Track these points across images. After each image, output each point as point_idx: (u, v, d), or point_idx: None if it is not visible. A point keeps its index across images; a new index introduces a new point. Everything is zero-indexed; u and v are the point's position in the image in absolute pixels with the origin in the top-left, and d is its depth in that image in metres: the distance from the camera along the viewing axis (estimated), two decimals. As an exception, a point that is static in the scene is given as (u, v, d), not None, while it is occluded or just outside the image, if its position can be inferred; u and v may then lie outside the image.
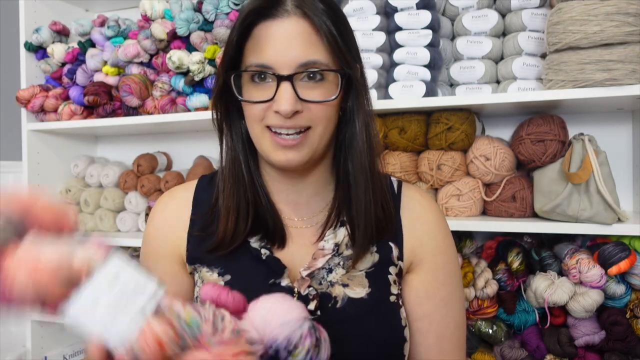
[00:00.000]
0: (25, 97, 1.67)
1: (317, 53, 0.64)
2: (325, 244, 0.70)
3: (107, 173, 1.75)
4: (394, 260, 0.72)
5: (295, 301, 0.52)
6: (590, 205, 1.17)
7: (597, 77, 1.11)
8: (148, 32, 1.56)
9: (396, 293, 0.72)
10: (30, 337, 1.73)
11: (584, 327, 1.20)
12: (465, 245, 1.39)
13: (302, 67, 0.63)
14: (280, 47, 0.63)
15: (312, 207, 0.75)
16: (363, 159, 0.70)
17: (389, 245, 0.73)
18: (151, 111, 1.59)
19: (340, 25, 0.66)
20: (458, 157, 1.35)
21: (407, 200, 0.77)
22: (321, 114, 0.66)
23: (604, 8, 1.09)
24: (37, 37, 1.71)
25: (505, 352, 1.27)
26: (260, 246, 0.70)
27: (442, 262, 0.75)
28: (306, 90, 0.64)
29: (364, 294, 0.69)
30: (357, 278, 0.70)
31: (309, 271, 0.68)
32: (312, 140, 0.66)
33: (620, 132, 1.42)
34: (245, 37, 0.66)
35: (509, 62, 1.31)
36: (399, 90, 1.33)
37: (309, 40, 0.64)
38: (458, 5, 1.39)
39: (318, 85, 0.65)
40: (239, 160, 0.73)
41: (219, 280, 0.71)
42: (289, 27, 0.64)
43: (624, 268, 1.15)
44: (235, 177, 0.72)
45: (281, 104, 0.63)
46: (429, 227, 0.76)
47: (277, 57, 0.63)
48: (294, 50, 0.63)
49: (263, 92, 0.65)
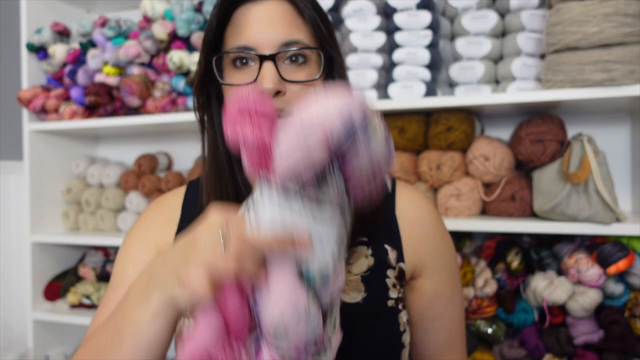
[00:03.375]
0: (26, 98, 1.68)
1: (299, 33, 0.63)
2: None
3: (108, 173, 1.75)
4: (391, 263, 0.70)
5: None
6: (589, 205, 1.18)
7: (596, 78, 1.12)
8: (149, 33, 1.56)
9: (395, 297, 0.69)
10: (31, 336, 1.74)
11: (582, 327, 1.21)
12: (465, 245, 1.39)
13: (284, 47, 0.62)
14: (261, 27, 0.62)
15: None
16: None
17: (385, 247, 0.70)
18: (152, 111, 1.59)
19: (320, 11, 0.66)
20: (457, 157, 1.36)
21: (402, 200, 0.75)
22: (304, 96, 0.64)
23: (602, 9, 1.10)
24: (38, 38, 1.71)
25: (504, 351, 1.27)
26: None
27: (443, 262, 0.75)
28: (289, 72, 0.63)
29: (359, 298, 0.67)
30: (352, 282, 0.68)
31: None
32: None
33: (618, 132, 1.42)
34: (224, 21, 0.65)
35: (508, 63, 1.31)
36: (398, 91, 1.33)
37: (290, 20, 0.63)
38: (457, 5, 1.39)
39: (300, 68, 0.64)
40: (220, 152, 0.68)
41: None
42: (270, 8, 0.63)
43: (623, 267, 1.15)
44: (216, 171, 0.68)
45: (264, 82, 0.60)
46: (428, 228, 0.74)
47: (258, 37, 0.62)
48: (275, 30, 0.62)
49: (245, 76, 0.63)
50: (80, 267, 1.78)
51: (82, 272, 1.76)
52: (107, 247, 1.82)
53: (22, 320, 1.96)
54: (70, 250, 1.88)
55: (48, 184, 1.79)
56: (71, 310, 1.73)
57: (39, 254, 1.76)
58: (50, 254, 1.81)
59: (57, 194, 1.82)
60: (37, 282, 1.75)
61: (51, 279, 1.78)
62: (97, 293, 1.71)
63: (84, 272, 1.76)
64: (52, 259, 1.81)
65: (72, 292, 1.73)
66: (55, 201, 1.82)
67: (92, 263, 1.77)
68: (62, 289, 1.76)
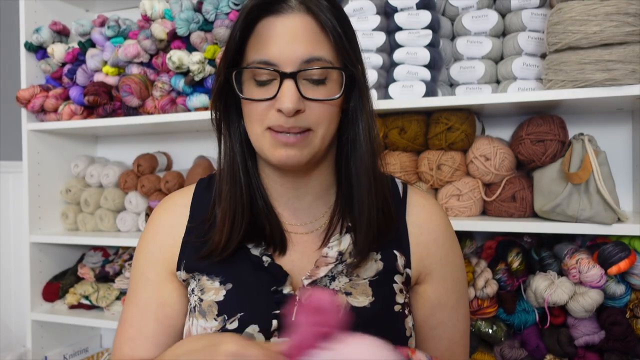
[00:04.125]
0: (25, 97, 1.67)
1: (322, 50, 0.63)
2: (329, 251, 0.68)
3: (107, 173, 1.75)
4: (399, 269, 0.70)
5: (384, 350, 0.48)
6: (590, 205, 1.18)
7: (597, 77, 1.11)
8: (148, 32, 1.56)
9: (402, 302, 0.69)
10: (30, 336, 1.73)
11: (583, 327, 1.20)
12: (465, 245, 1.39)
13: (306, 64, 0.62)
14: (283, 43, 0.62)
15: (314, 212, 0.73)
16: (366, 160, 0.68)
17: (394, 253, 0.71)
18: (151, 111, 1.59)
19: (344, 23, 0.65)
20: (458, 157, 1.35)
21: (413, 206, 0.74)
22: (323, 114, 0.64)
23: (603, 8, 1.09)
24: (37, 37, 1.71)
25: (505, 352, 1.27)
26: (260, 253, 0.68)
27: (450, 271, 0.74)
28: (309, 90, 0.63)
29: (367, 302, 0.67)
30: (360, 286, 0.68)
31: (311, 280, 0.67)
32: (313, 141, 0.64)
33: (620, 132, 1.42)
34: (247, 33, 0.65)
35: (508, 62, 1.31)
36: (399, 90, 1.33)
37: (314, 36, 0.62)
38: (458, 5, 1.39)
39: (321, 85, 0.63)
40: (236, 162, 0.70)
41: (221, 289, 0.69)
42: (293, 23, 0.62)
43: (624, 268, 1.15)
44: (232, 179, 0.69)
45: (284, 101, 0.60)
46: (437, 235, 0.74)
47: (280, 53, 0.61)
48: (297, 46, 0.61)
49: (265, 91, 0.63)
50: (79, 267, 1.77)
51: (81, 273, 1.76)
52: (106, 247, 1.82)
53: (21, 320, 1.95)
54: (69, 251, 1.87)
55: (47, 184, 1.78)
56: (70, 311, 1.72)
57: (37, 254, 1.75)
58: (49, 254, 1.80)
59: (56, 194, 1.81)
60: (36, 283, 1.74)
61: (50, 280, 1.78)
62: (96, 293, 1.71)
63: (83, 273, 1.75)
64: (50, 259, 1.81)
65: (71, 293, 1.72)
66: (54, 201, 1.81)
67: (91, 263, 1.76)
68: (61, 289, 1.75)
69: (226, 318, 0.66)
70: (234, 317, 0.66)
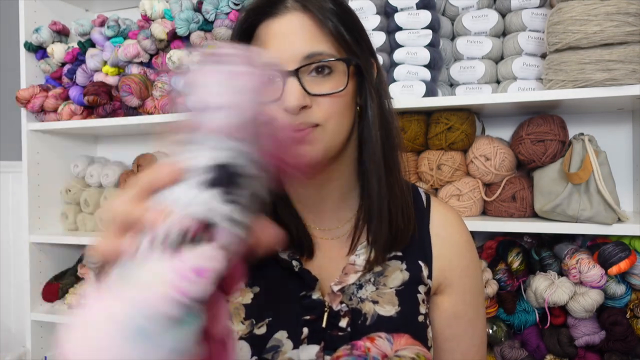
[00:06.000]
0: (25, 97, 1.67)
1: (322, 44, 0.62)
2: (356, 258, 0.67)
3: (107, 173, 1.75)
4: (424, 280, 0.70)
5: None
6: (591, 205, 1.17)
7: (597, 77, 1.11)
8: (148, 32, 1.56)
9: (424, 313, 0.69)
10: (30, 337, 1.73)
11: (584, 327, 1.20)
12: (465, 245, 1.39)
13: (307, 60, 0.61)
14: (282, 42, 0.61)
15: (338, 216, 0.72)
16: (377, 157, 0.66)
17: (419, 264, 0.70)
18: (151, 111, 1.59)
19: (345, 16, 0.64)
20: (458, 157, 1.35)
21: (436, 217, 0.74)
22: (331, 108, 0.62)
23: (604, 8, 1.09)
24: (37, 37, 1.71)
25: (505, 352, 1.27)
26: (289, 257, 0.67)
27: (469, 284, 0.73)
28: (315, 85, 0.61)
29: (393, 312, 0.66)
30: (387, 295, 0.67)
31: (340, 286, 0.66)
32: (324, 137, 0.62)
33: (620, 132, 1.42)
34: (246, 39, 0.64)
35: (509, 62, 1.31)
36: (399, 90, 1.33)
37: (312, 32, 0.62)
38: (458, 5, 1.39)
39: (326, 79, 0.62)
40: None
41: (248, 292, 0.67)
42: (291, 22, 0.62)
43: (624, 268, 1.15)
44: None
45: (287, 100, 0.59)
46: (459, 249, 0.73)
47: (280, 53, 0.61)
48: (296, 43, 0.61)
49: None
50: (79, 267, 1.77)
51: (81, 273, 1.76)
52: (106, 247, 1.81)
53: (21, 321, 1.95)
54: (69, 251, 1.87)
55: (47, 184, 1.78)
56: (70, 311, 1.72)
57: (37, 254, 1.75)
58: (49, 255, 1.80)
59: (55, 194, 1.81)
60: (36, 283, 1.74)
61: (50, 280, 1.78)
62: (96, 294, 1.71)
63: (83, 273, 1.75)
64: (50, 259, 1.81)
65: (71, 293, 1.72)
66: (53, 201, 1.81)
67: (91, 264, 1.76)
68: (61, 289, 1.75)
69: (254, 322, 0.65)
70: (263, 321, 0.65)
